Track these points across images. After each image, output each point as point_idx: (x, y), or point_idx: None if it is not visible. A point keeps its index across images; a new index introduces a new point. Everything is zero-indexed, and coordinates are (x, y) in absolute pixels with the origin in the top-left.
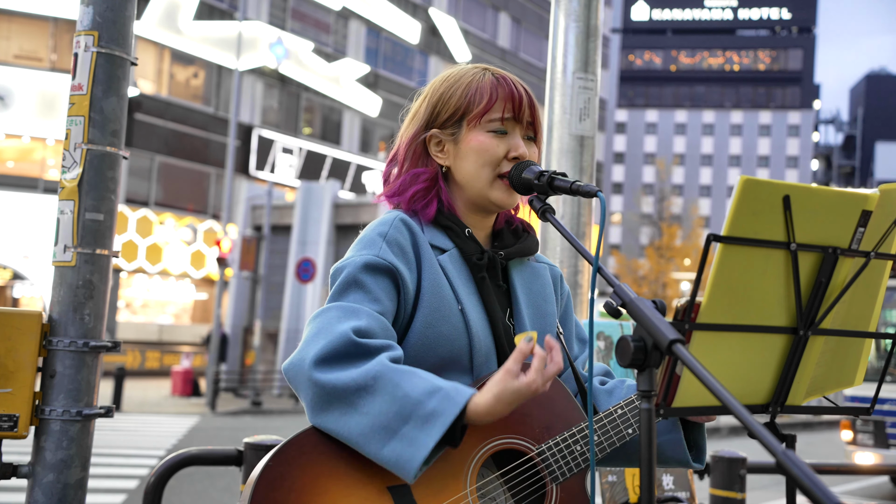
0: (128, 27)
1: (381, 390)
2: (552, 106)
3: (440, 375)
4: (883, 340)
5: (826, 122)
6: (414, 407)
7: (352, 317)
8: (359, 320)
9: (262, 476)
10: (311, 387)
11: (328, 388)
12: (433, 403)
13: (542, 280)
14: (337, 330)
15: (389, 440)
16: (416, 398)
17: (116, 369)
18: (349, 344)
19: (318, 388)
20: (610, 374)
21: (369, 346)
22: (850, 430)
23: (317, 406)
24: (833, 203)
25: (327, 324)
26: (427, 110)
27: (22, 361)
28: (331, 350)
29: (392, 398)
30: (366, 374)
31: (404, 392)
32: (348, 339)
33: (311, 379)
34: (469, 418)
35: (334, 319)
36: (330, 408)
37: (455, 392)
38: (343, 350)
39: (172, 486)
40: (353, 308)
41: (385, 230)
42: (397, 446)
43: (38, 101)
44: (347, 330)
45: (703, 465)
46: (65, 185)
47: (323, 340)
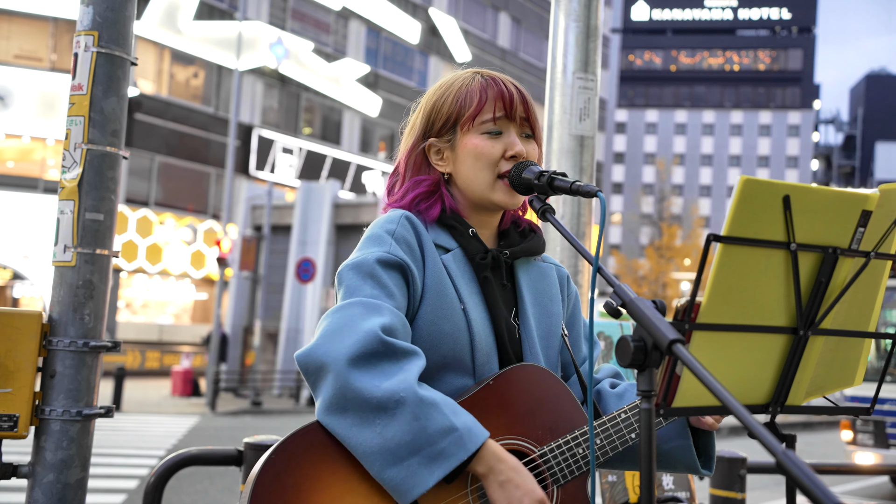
0: (128, 27)
1: (401, 417)
2: (552, 106)
3: (442, 375)
4: (883, 340)
5: (826, 122)
6: (426, 443)
7: (375, 313)
8: (382, 317)
9: (264, 470)
10: (339, 386)
11: (354, 392)
12: (444, 444)
13: (549, 280)
14: (364, 327)
15: (393, 465)
16: (430, 435)
17: (116, 369)
18: (379, 343)
19: (346, 389)
20: (620, 376)
21: (397, 347)
22: (850, 430)
23: (333, 405)
24: (833, 203)
25: (351, 319)
26: (423, 120)
27: (22, 361)
28: (362, 349)
29: (409, 428)
30: (391, 396)
31: (421, 426)
32: (377, 337)
33: (342, 378)
34: (476, 459)
35: (358, 315)
36: (345, 413)
37: (468, 436)
38: (373, 349)
39: (172, 486)
40: (375, 304)
41: (393, 228)
42: (399, 474)
43: (38, 101)
44: (376, 328)
45: (713, 471)
46: (65, 185)
47: (352, 338)
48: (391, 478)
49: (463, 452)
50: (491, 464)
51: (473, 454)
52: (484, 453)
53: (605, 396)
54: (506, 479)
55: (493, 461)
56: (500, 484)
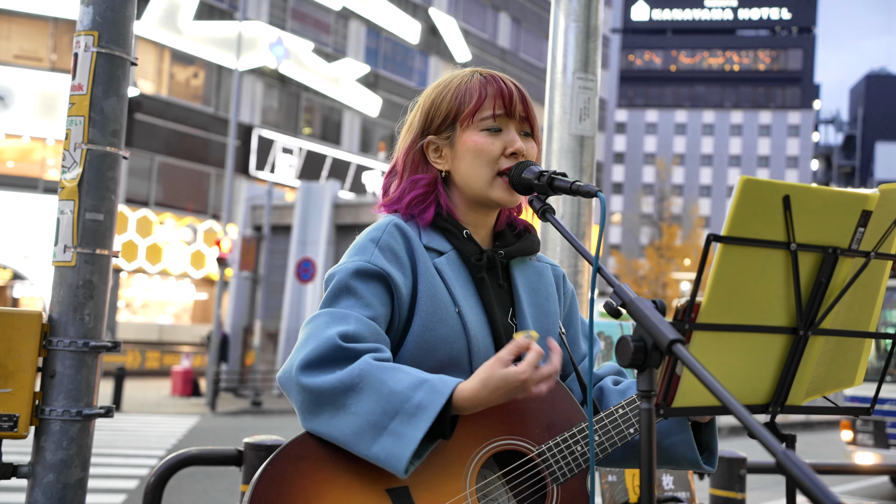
0: (128, 27)
1: (368, 388)
2: (552, 106)
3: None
4: (883, 340)
5: (826, 122)
6: (400, 402)
7: (339, 322)
8: (346, 325)
9: (261, 480)
10: (299, 392)
11: (315, 391)
12: (419, 396)
13: (545, 279)
14: (323, 335)
15: (378, 437)
16: (401, 393)
17: (116, 369)
18: (334, 348)
19: (306, 392)
20: (623, 374)
21: (355, 349)
22: (850, 430)
23: (307, 410)
24: (833, 203)
25: (315, 330)
26: (421, 118)
27: (22, 361)
28: (316, 355)
29: (378, 395)
30: (351, 374)
31: (390, 388)
32: (333, 343)
33: (297, 384)
34: (456, 407)
35: (322, 325)
36: (320, 411)
37: (440, 383)
38: (328, 354)
39: (172, 486)
40: (342, 314)
41: (378, 236)
42: (386, 443)
43: (38, 101)
44: (333, 335)
45: (715, 467)
46: (65, 185)
47: (310, 346)
48: (380, 450)
49: (439, 397)
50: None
51: (450, 399)
52: (461, 393)
53: (607, 393)
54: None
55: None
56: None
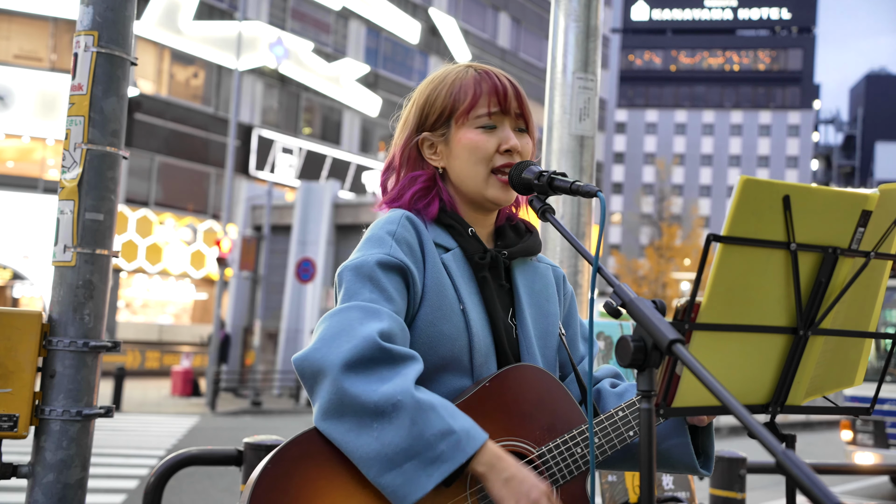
0: (128, 27)
1: (398, 422)
2: (552, 106)
3: (441, 376)
4: (883, 340)
5: (826, 122)
6: (424, 447)
7: (373, 318)
8: (381, 322)
9: (261, 478)
10: (335, 391)
11: (350, 398)
12: (442, 447)
13: (545, 280)
14: (362, 333)
15: (390, 471)
16: (427, 439)
17: (116, 369)
18: (376, 349)
19: (342, 394)
20: (620, 376)
21: (395, 352)
22: (850, 430)
23: (330, 411)
24: (833, 203)
25: (349, 324)
26: (416, 114)
27: (22, 361)
28: (358, 354)
29: (406, 433)
30: (388, 400)
31: (419, 430)
32: (375, 343)
33: (338, 383)
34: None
35: (356, 320)
36: (342, 418)
37: (467, 439)
38: (370, 355)
39: (172, 486)
40: (374, 309)
41: (393, 228)
42: (396, 479)
43: (38, 101)
44: (373, 333)
45: (711, 471)
46: (65, 185)
47: (349, 343)
48: (389, 483)
49: (461, 455)
50: (492, 462)
51: (472, 457)
52: (484, 453)
53: (604, 395)
54: (509, 476)
55: (494, 460)
56: (505, 481)
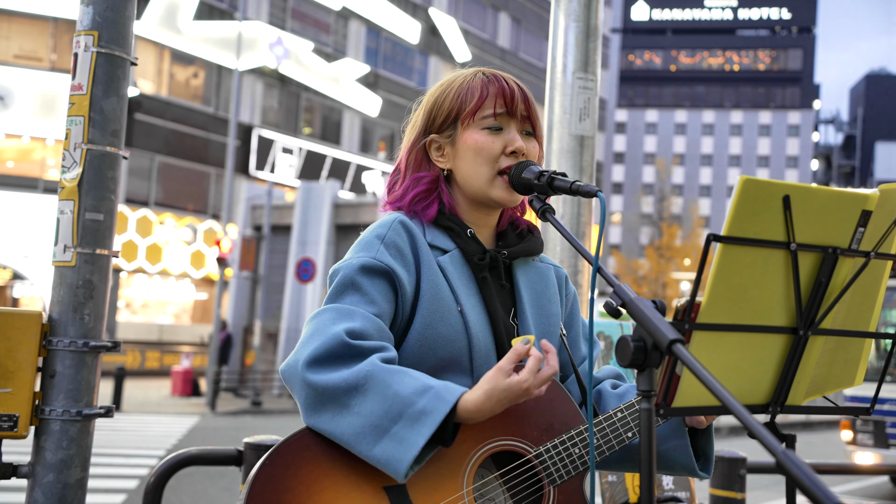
0: (128, 27)
1: (373, 390)
2: (552, 106)
3: (441, 377)
4: (883, 340)
5: (826, 122)
6: (404, 406)
7: (346, 318)
8: (352, 322)
9: (258, 476)
10: (304, 387)
11: (320, 388)
12: (423, 402)
13: (547, 280)
14: (330, 331)
15: (380, 439)
16: (406, 397)
17: (116, 369)
18: (341, 345)
19: (311, 388)
20: (622, 378)
21: (362, 347)
22: (850, 430)
23: (310, 407)
24: (833, 203)
25: (321, 326)
26: (424, 117)
27: (22, 361)
28: (323, 351)
29: (383, 397)
30: (357, 374)
31: (395, 391)
32: (340, 339)
33: (303, 380)
34: (460, 416)
35: (328, 321)
36: (323, 408)
37: (445, 390)
38: (335, 351)
39: (172, 486)
40: (348, 310)
41: (383, 232)
42: (388, 445)
43: (38, 101)
44: (340, 331)
45: (710, 474)
46: (65, 185)
47: (316, 342)
48: (381, 452)
49: (443, 405)
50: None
51: (454, 407)
52: (465, 402)
53: (605, 396)
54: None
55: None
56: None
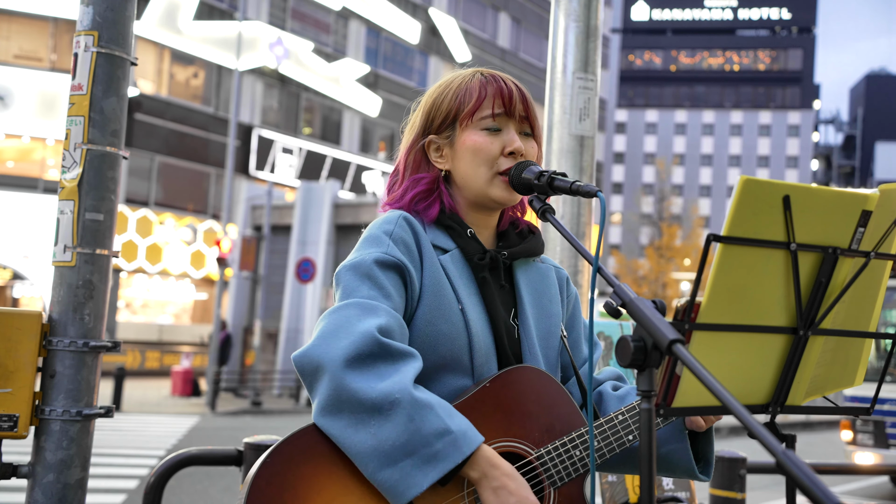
0: (128, 27)
1: (395, 418)
2: (552, 106)
3: (441, 376)
4: (883, 340)
5: (826, 122)
6: (421, 444)
7: (371, 314)
8: (379, 318)
9: (260, 472)
10: (334, 387)
11: (349, 394)
12: (439, 446)
13: (548, 281)
14: (360, 329)
15: (387, 467)
16: (424, 436)
17: (116, 369)
18: (375, 344)
19: (341, 390)
20: (622, 379)
21: (393, 348)
22: (850, 430)
23: (328, 406)
24: (833, 203)
25: (347, 321)
26: (422, 118)
27: (22, 361)
28: (358, 350)
29: (403, 429)
30: (386, 398)
31: (416, 427)
32: (374, 338)
33: (338, 379)
34: (468, 463)
35: (354, 317)
36: (340, 414)
37: (464, 440)
38: (369, 350)
39: (172, 486)
40: (372, 305)
41: (391, 228)
42: (393, 475)
43: (38, 101)
44: (372, 329)
45: (710, 477)
46: (65, 185)
47: (348, 339)
48: (385, 479)
49: (458, 455)
50: (485, 469)
51: (468, 458)
52: (478, 458)
53: (606, 398)
54: (500, 486)
55: (487, 467)
56: (494, 490)
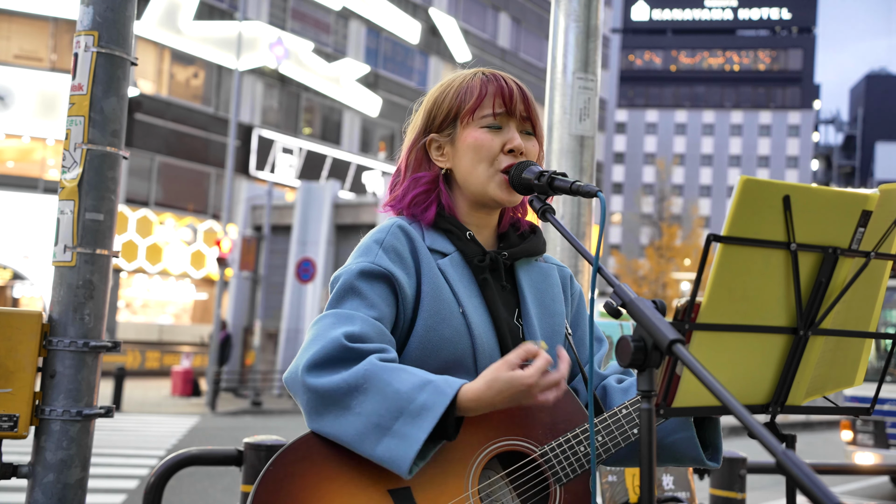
0: (128, 27)
1: (372, 389)
2: (552, 106)
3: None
4: (883, 340)
5: (826, 122)
6: (404, 402)
7: (345, 323)
8: (352, 325)
9: (264, 480)
10: (305, 392)
11: (320, 391)
12: (423, 397)
13: (550, 280)
14: (329, 336)
15: (383, 438)
16: (405, 393)
17: (116, 369)
18: (340, 348)
19: (311, 392)
20: (629, 372)
21: (360, 349)
22: (850, 430)
23: (313, 411)
24: (833, 203)
25: (321, 331)
26: (423, 117)
27: (22, 361)
28: (322, 355)
29: (383, 395)
30: (356, 375)
31: (394, 389)
32: (339, 343)
33: (304, 384)
34: (461, 408)
35: (328, 326)
36: (325, 411)
37: (445, 384)
38: (334, 355)
39: (172, 486)
40: (348, 314)
41: (381, 237)
42: (391, 443)
43: (38, 101)
44: (339, 335)
45: (720, 463)
46: (65, 185)
47: (315, 347)
48: (384, 451)
49: (443, 398)
50: (477, 394)
51: (454, 399)
52: (465, 393)
53: (610, 392)
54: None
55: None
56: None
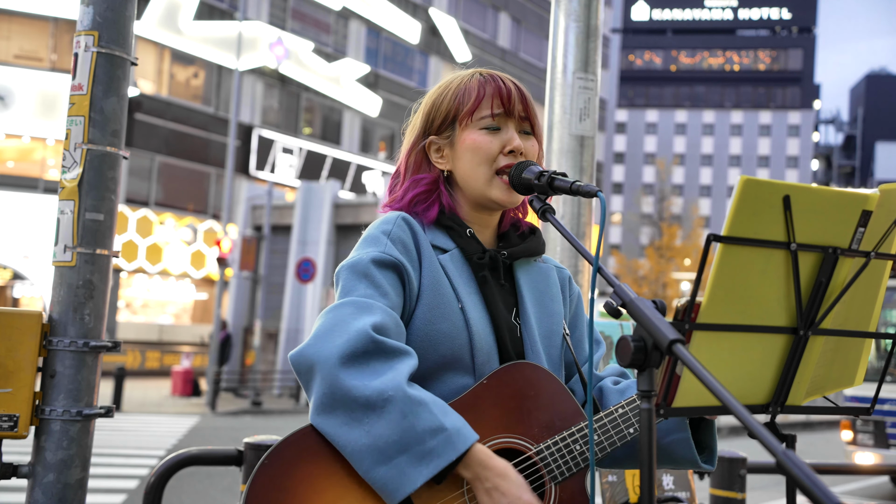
0: (128, 27)
1: (389, 415)
2: (552, 106)
3: (443, 375)
4: (883, 340)
5: (826, 122)
6: (414, 441)
7: (366, 312)
8: (374, 316)
9: (259, 475)
10: (328, 385)
11: (343, 391)
12: (433, 443)
13: (549, 280)
14: (355, 327)
15: (381, 465)
16: (418, 433)
17: (116, 369)
18: (369, 341)
19: (335, 388)
20: (625, 375)
21: (388, 345)
22: (850, 430)
23: (323, 405)
24: (833, 203)
25: (342, 319)
26: (422, 119)
27: (22, 361)
28: (353, 348)
29: (397, 426)
30: (379, 395)
31: (410, 424)
32: (368, 336)
33: (332, 377)
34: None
35: (349, 315)
36: (334, 412)
37: (458, 436)
38: (364, 348)
39: (172, 486)
40: (367, 303)
41: (389, 228)
42: (387, 473)
43: (38, 101)
44: (366, 327)
45: (714, 466)
46: (65, 185)
47: (342, 337)
48: (379, 477)
49: (452, 452)
50: (477, 471)
51: (462, 455)
52: (471, 458)
53: (606, 393)
54: (492, 487)
55: (480, 468)
56: (487, 491)
